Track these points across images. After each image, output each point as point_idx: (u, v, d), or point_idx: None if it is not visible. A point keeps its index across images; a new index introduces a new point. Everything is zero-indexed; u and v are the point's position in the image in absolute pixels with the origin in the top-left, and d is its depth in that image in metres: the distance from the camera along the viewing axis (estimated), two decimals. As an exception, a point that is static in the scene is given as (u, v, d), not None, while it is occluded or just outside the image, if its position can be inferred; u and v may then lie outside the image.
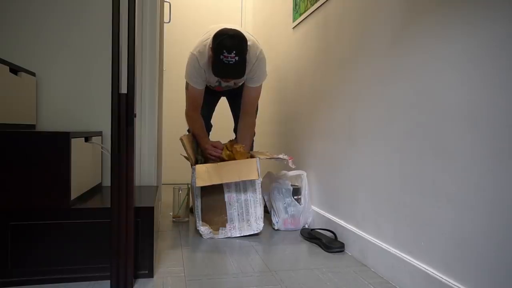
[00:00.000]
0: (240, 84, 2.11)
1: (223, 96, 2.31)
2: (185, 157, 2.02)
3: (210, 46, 1.78)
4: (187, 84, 1.98)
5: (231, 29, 1.74)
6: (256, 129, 2.21)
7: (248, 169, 1.76)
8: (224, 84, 2.04)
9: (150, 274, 1.27)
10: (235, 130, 2.23)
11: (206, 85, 2.03)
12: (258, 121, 2.21)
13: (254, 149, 2.38)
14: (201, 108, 2.04)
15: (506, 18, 0.87)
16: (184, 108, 2.22)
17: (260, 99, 2.11)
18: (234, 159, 1.85)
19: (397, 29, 1.27)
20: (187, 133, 2.17)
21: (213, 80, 1.99)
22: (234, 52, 1.68)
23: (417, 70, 1.17)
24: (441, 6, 1.07)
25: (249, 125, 2.05)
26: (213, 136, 2.17)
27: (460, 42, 1.00)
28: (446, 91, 1.04)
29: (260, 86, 2.01)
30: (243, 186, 1.81)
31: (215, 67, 1.73)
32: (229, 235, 1.76)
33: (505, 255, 0.86)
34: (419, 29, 1.16)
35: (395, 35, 1.28)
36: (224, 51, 1.68)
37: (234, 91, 2.17)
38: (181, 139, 1.93)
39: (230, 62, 1.70)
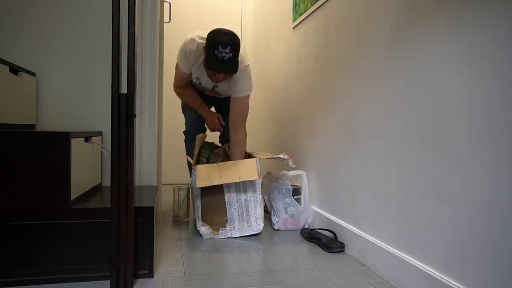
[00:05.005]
0: (225, 96, 2.13)
1: (214, 105, 2.30)
2: (186, 157, 2.02)
3: (203, 45, 1.80)
4: (177, 66, 2.02)
5: (225, 29, 1.78)
6: (256, 129, 2.21)
7: (249, 170, 1.76)
8: (207, 85, 2.04)
9: (150, 274, 1.27)
10: (221, 141, 2.25)
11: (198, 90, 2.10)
12: (258, 121, 2.20)
13: (254, 149, 2.38)
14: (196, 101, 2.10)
15: (507, 18, 0.87)
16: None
17: (260, 99, 2.12)
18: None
19: (397, 29, 1.27)
20: (183, 135, 2.19)
21: (196, 75, 2.00)
22: (229, 48, 1.71)
23: (416, 70, 1.17)
24: (440, 6, 1.07)
25: (240, 140, 2.00)
26: (210, 139, 2.18)
27: (459, 42, 1.00)
28: (446, 91, 1.05)
29: (247, 99, 1.96)
30: (243, 186, 1.81)
31: (210, 62, 1.75)
32: (229, 235, 1.76)
33: (505, 254, 0.86)
34: (419, 29, 1.16)
35: (395, 35, 1.28)
36: (219, 46, 1.70)
37: (222, 101, 2.19)
38: (197, 136, 1.92)
39: (225, 58, 1.72)
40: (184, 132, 2.20)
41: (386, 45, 1.34)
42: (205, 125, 2.14)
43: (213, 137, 2.25)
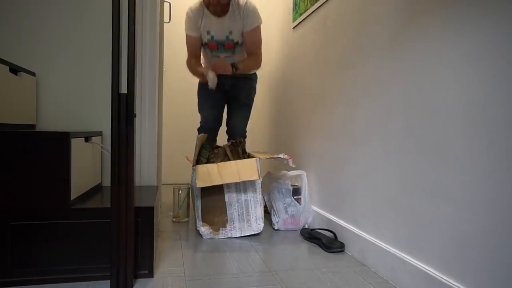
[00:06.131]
0: (240, 39, 2.18)
1: (226, 96, 2.32)
2: (186, 158, 2.02)
3: None
4: (186, 35, 2.19)
5: None
6: (256, 129, 2.21)
7: (249, 170, 1.76)
8: (220, 36, 2.13)
9: (150, 274, 1.27)
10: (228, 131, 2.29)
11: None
12: (258, 120, 2.21)
13: (254, 149, 2.38)
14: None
15: (505, 18, 0.87)
16: (183, 109, 2.24)
17: (259, 98, 2.12)
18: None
19: (395, 30, 1.27)
20: (197, 132, 2.22)
21: (206, 30, 2.12)
22: None
23: (415, 71, 1.17)
24: (439, 6, 1.07)
25: (257, 57, 2.18)
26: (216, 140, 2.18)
27: (458, 42, 1.00)
28: (445, 92, 1.05)
29: (259, 29, 2.13)
30: (243, 186, 1.81)
31: None
32: (229, 235, 1.76)
33: (504, 254, 0.86)
34: (417, 30, 1.16)
35: (393, 36, 1.28)
36: None
37: (236, 89, 2.22)
38: (197, 137, 1.93)
39: None
40: (198, 130, 2.26)
41: (384, 46, 1.34)
42: (216, 120, 2.24)
43: (220, 138, 2.26)
